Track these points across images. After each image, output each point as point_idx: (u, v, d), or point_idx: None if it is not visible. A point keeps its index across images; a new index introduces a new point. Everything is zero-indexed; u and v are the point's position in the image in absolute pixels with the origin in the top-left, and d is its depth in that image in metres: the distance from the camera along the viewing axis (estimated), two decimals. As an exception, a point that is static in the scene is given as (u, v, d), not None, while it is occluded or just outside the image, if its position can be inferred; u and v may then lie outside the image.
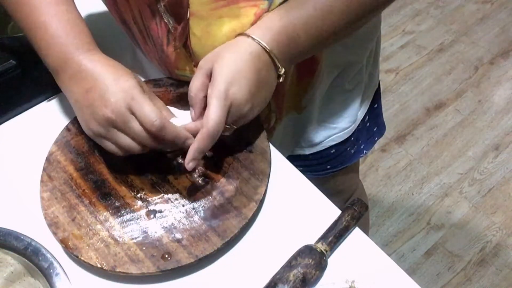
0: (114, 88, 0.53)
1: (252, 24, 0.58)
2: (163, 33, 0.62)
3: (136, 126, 0.54)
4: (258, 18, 0.57)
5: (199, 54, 0.62)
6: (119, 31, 0.73)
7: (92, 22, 0.84)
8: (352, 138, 0.86)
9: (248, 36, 0.55)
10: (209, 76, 0.55)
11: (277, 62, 0.56)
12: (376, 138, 0.95)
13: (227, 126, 0.56)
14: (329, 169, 0.90)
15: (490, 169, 1.72)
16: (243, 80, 0.54)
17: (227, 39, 0.58)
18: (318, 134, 0.82)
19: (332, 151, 0.86)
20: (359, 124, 0.86)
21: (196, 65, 0.64)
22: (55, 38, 0.57)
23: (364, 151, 0.93)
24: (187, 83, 0.69)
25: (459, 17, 2.17)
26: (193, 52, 0.62)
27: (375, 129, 0.94)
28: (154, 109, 0.53)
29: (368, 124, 0.90)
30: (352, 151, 0.90)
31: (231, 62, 0.54)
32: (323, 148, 0.84)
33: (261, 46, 0.54)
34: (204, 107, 0.55)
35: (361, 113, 0.85)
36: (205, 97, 0.55)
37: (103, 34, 0.81)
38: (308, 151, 0.84)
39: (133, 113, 0.53)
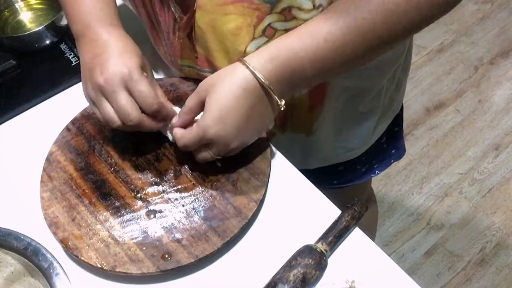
0: (115, 60, 0.56)
1: (255, 26, 0.57)
2: (170, 20, 0.62)
3: (121, 99, 0.55)
4: (260, 20, 0.56)
5: (202, 47, 0.62)
6: (133, 26, 0.72)
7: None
8: (363, 158, 0.84)
9: (247, 66, 0.52)
10: (202, 103, 0.55)
11: (274, 96, 0.53)
12: (392, 160, 0.92)
13: (218, 157, 0.57)
14: (335, 184, 0.88)
15: (490, 169, 1.71)
16: (231, 118, 0.53)
17: (231, 36, 0.58)
18: (325, 151, 0.79)
19: (339, 168, 0.84)
20: (373, 145, 0.83)
21: (197, 57, 0.64)
22: (82, 7, 0.61)
23: (377, 171, 0.90)
24: (187, 83, 0.70)
25: (459, 17, 2.17)
26: (196, 44, 0.62)
27: (392, 151, 0.91)
28: (151, 91, 0.55)
29: (385, 146, 0.88)
30: (363, 169, 0.88)
31: (222, 97, 0.53)
32: (329, 164, 0.82)
33: (258, 81, 0.52)
34: (188, 123, 0.57)
35: (375, 135, 0.82)
36: (192, 118, 0.57)
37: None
38: (313, 166, 0.82)
39: (129, 90, 0.55)
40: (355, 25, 0.50)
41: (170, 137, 0.61)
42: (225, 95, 0.53)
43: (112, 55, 0.56)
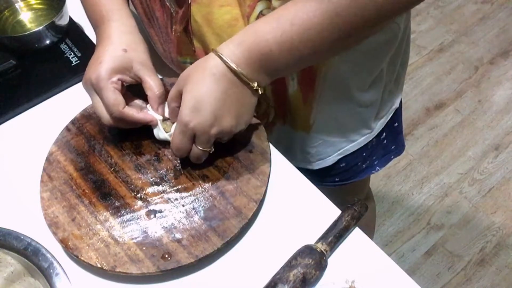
0: (91, 65, 0.60)
1: (248, 16, 0.57)
2: (167, 15, 0.62)
3: (94, 101, 0.60)
4: (252, 9, 0.57)
5: (200, 41, 0.62)
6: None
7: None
8: (364, 154, 0.84)
9: (217, 53, 0.54)
10: (181, 92, 0.56)
11: (245, 79, 0.54)
12: (392, 157, 0.92)
13: (206, 150, 0.58)
14: (337, 182, 0.88)
15: (490, 169, 1.71)
16: (205, 104, 0.54)
17: (228, 28, 0.58)
18: (326, 149, 0.79)
19: (341, 165, 0.84)
20: (373, 140, 0.83)
21: (195, 51, 0.64)
22: (93, 1, 0.64)
23: (377, 167, 0.90)
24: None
25: (459, 17, 2.17)
26: (193, 37, 0.62)
27: (392, 147, 0.91)
28: (112, 99, 0.58)
29: (385, 142, 0.88)
30: (364, 166, 0.88)
31: (195, 87, 0.54)
32: (332, 162, 0.82)
33: (227, 66, 0.53)
34: (177, 112, 0.57)
35: (376, 129, 0.82)
36: (178, 107, 0.57)
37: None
38: (316, 166, 0.82)
39: (98, 95, 0.60)
40: (321, 9, 0.51)
41: (156, 135, 0.62)
42: (198, 84, 0.54)
43: (92, 59, 0.60)
